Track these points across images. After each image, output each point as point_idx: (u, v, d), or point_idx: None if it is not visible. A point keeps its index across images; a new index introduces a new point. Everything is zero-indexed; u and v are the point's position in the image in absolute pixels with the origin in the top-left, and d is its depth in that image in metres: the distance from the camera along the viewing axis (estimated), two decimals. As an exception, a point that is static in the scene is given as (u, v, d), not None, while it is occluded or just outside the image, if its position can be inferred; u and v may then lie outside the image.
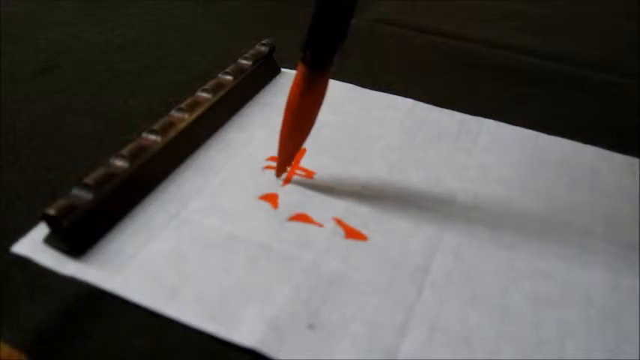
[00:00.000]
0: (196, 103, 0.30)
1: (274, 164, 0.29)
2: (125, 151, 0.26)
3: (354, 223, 0.26)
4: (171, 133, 0.28)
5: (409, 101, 0.34)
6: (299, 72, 0.25)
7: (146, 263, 0.23)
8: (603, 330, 0.22)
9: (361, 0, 0.26)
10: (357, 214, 0.26)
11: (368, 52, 0.40)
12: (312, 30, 0.24)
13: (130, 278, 0.22)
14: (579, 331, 0.22)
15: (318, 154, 0.29)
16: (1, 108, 0.32)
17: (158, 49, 0.39)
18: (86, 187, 0.24)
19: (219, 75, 0.32)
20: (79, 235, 0.23)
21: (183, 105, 0.29)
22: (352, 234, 0.25)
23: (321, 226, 0.25)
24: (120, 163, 0.26)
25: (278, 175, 0.28)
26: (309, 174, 0.28)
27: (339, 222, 0.26)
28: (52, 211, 0.22)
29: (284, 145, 0.27)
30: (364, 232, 0.25)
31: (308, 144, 0.29)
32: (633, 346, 0.21)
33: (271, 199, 0.27)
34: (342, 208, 0.26)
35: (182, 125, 0.29)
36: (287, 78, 0.36)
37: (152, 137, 0.27)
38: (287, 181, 0.28)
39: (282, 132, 0.26)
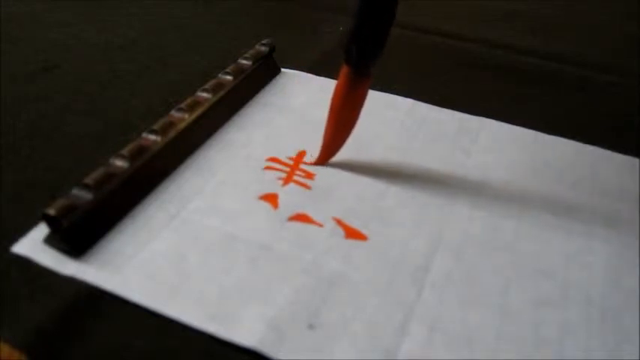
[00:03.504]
0: (196, 103, 0.30)
1: (274, 165, 0.29)
2: (125, 151, 0.26)
3: (354, 223, 0.26)
4: (171, 133, 0.28)
5: (409, 101, 0.34)
6: (343, 74, 0.26)
7: (146, 263, 0.23)
8: (603, 330, 0.22)
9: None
10: (357, 214, 0.26)
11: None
12: (356, 34, 0.25)
13: (130, 278, 0.22)
14: (579, 331, 0.22)
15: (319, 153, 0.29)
16: (1, 108, 0.32)
17: (158, 49, 0.39)
18: (86, 187, 0.24)
19: (219, 75, 0.32)
20: (79, 235, 0.23)
21: (183, 105, 0.29)
22: (352, 234, 0.25)
23: (321, 226, 0.25)
24: (120, 163, 0.26)
25: (316, 164, 0.29)
26: (309, 175, 0.28)
27: (339, 222, 0.26)
28: (52, 211, 0.22)
29: (329, 142, 0.28)
30: (364, 232, 0.25)
31: (308, 144, 0.30)
32: (633, 346, 0.21)
33: (271, 199, 0.27)
34: (342, 208, 0.26)
35: (182, 125, 0.29)
36: (287, 78, 0.36)
37: (152, 137, 0.27)
38: (287, 181, 0.28)
39: (326, 129, 0.28)
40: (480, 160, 0.30)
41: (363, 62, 0.26)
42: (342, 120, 0.28)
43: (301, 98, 0.34)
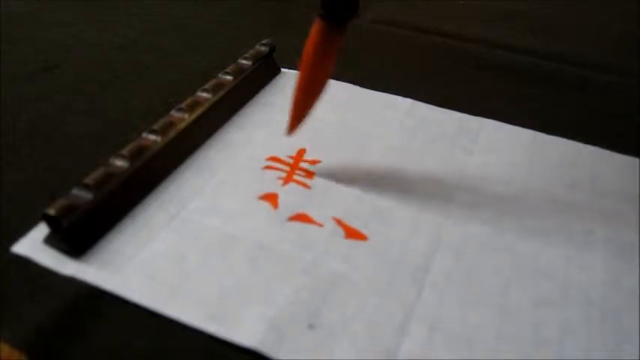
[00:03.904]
0: (196, 103, 0.30)
1: (274, 164, 0.29)
2: (125, 151, 0.26)
3: (354, 223, 0.26)
4: (171, 133, 0.28)
5: (409, 101, 0.34)
6: (316, 27, 0.25)
7: (146, 263, 0.23)
8: (603, 330, 0.22)
9: (361, 0, 0.26)
10: (357, 214, 0.26)
11: (368, 52, 0.40)
12: None
13: (130, 278, 0.22)
14: (579, 331, 0.22)
15: (319, 153, 0.29)
16: (1, 108, 0.32)
17: (158, 49, 0.39)
18: (86, 187, 0.24)
19: (219, 75, 0.32)
20: (79, 235, 0.23)
21: (183, 105, 0.29)
22: (352, 234, 0.25)
23: (321, 226, 0.25)
24: (120, 163, 0.26)
25: (289, 132, 0.28)
26: (310, 174, 0.28)
27: (339, 222, 0.26)
28: (52, 211, 0.22)
29: (299, 101, 0.27)
30: (364, 232, 0.25)
31: (308, 144, 0.30)
32: (633, 346, 0.21)
33: (271, 198, 0.27)
34: (342, 208, 0.26)
35: (182, 125, 0.29)
36: (287, 78, 0.36)
37: (152, 137, 0.27)
38: (287, 181, 0.28)
39: (297, 88, 0.27)
40: (479, 160, 0.30)
41: (338, 13, 0.25)
42: (314, 77, 0.27)
43: (301, 98, 0.34)
